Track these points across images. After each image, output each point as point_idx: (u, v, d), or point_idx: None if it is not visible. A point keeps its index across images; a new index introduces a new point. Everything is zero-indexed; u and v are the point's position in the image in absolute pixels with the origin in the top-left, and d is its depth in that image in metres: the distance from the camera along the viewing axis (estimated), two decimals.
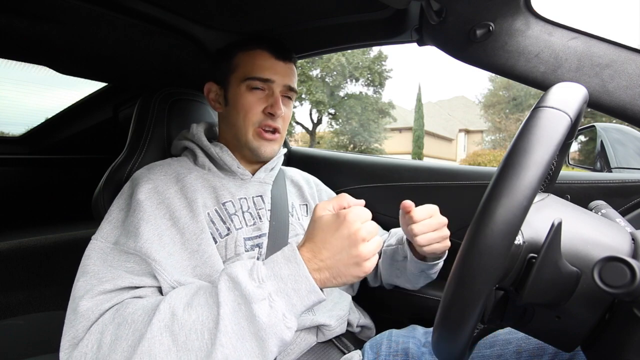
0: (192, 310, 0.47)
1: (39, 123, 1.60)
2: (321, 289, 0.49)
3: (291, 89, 0.79)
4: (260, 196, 0.79)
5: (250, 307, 0.45)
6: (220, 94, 0.80)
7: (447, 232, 0.70)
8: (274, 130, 0.76)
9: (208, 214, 0.68)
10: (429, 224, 0.67)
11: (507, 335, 0.65)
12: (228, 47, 0.81)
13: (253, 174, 0.80)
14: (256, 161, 0.80)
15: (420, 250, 0.70)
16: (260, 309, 0.45)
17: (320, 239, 0.50)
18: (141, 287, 0.56)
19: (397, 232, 0.85)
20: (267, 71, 0.75)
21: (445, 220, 0.70)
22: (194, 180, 0.71)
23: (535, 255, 0.39)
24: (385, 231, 0.98)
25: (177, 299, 0.49)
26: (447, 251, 0.74)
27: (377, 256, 0.52)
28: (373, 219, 0.57)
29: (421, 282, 0.83)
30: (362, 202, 0.55)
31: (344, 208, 0.53)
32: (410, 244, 0.76)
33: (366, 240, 0.50)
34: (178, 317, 0.47)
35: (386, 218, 1.04)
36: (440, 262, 0.78)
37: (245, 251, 0.70)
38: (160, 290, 0.57)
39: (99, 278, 0.55)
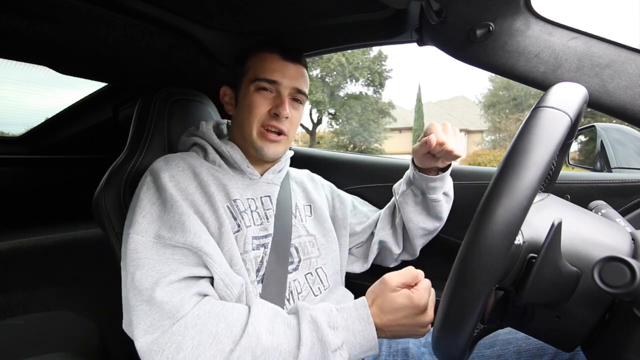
0: (274, 338, 0.53)
1: (39, 123, 1.60)
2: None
3: (300, 91, 0.78)
4: (269, 196, 0.79)
5: (326, 353, 0.53)
6: (233, 97, 0.81)
7: (457, 128, 0.77)
8: (279, 132, 0.76)
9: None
10: (452, 137, 0.73)
11: (507, 335, 0.65)
12: (242, 51, 0.82)
13: (261, 175, 0.80)
14: (262, 161, 0.80)
15: (448, 158, 0.77)
16: (334, 357, 0.53)
17: (390, 311, 0.59)
18: (201, 277, 0.59)
19: (400, 183, 0.89)
20: (275, 73, 0.75)
21: (444, 122, 0.76)
22: (207, 175, 0.71)
23: (535, 255, 0.39)
24: None
25: (261, 323, 0.55)
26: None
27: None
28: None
29: (446, 208, 0.87)
30: (422, 274, 0.62)
31: (410, 285, 0.61)
32: (419, 170, 0.82)
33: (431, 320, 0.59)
34: (262, 342, 0.52)
35: None
36: (450, 169, 0.83)
37: (252, 249, 0.70)
38: (211, 280, 0.61)
39: (157, 270, 0.57)
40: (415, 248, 0.90)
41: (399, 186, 0.89)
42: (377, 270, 0.91)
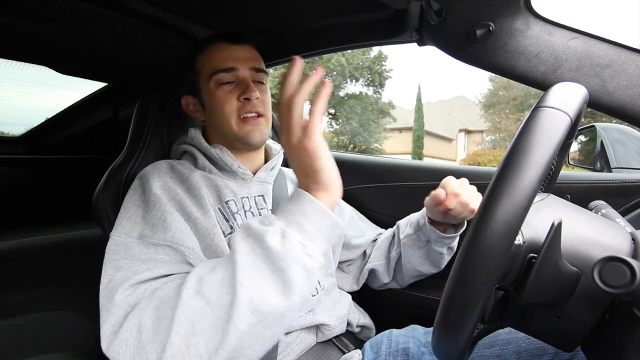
0: (218, 271, 0.48)
1: (39, 123, 1.60)
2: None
3: (258, 70, 0.77)
4: (262, 196, 0.79)
5: (263, 242, 0.47)
6: (197, 102, 0.79)
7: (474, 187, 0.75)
8: (257, 115, 0.75)
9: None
10: (468, 190, 0.72)
11: (507, 335, 0.65)
12: (187, 57, 0.80)
13: (254, 174, 0.80)
14: (252, 158, 0.80)
15: (463, 212, 0.74)
16: (272, 239, 0.47)
17: (300, 170, 0.53)
18: (177, 273, 0.56)
19: (410, 221, 0.87)
20: (228, 60, 0.74)
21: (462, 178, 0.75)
22: (198, 178, 0.71)
23: (535, 255, 0.39)
24: (382, 229, 0.98)
25: (202, 268, 0.51)
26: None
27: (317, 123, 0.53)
28: (372, 218, 0.58)
29: (446, 259, 0.85)
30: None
31: None
32: (432, 223, 0.79)
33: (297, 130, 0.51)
34: (206, 280, 0.48)
35: (386, 218, 1.04)
36: (463, 228, 0.81)
37: None
38: None
39: (134, 270, 0.55)
40: (404, 282, 0.91)
41: (405, 227, 0.87)
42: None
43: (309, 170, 0.51)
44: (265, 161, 0.83)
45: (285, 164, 0.92)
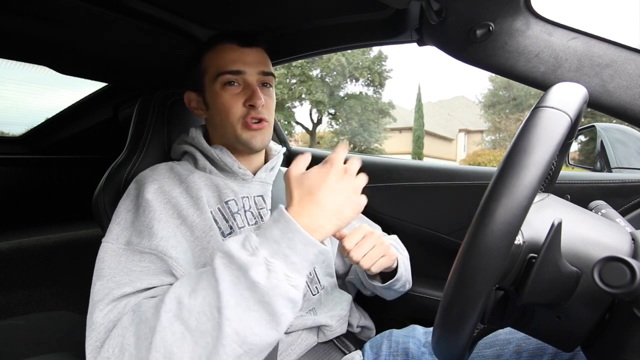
0: (198, 295, 0.46)
1: (39, 123, 1.60)
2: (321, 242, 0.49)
3: (266, 73, 0.76)
4: (262, 196, 0.79)
5: (247, 275, 0.45)
6: (200, 100, 0.79)
7: (388, 245, 0.67)
8: (260, 120, 0.74)
9: (211, 212, 0.69)
10: (364, 246, 0.65)
11: (507, 335, 0.65)
12: (196, 52, 0.79)
13: (254, 174, 0.80)
14: (252, 159, 0.80)
15: (369, 271, 0.68)
16: (257, 274, 0.44)
17: (307, 190, 0.52)
18: (159, 286, 0.56)
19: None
20: (236, 63, 0.73)
21: (380, 234, 0.67)
22: (197, 179, 0.71)
23: (535, 255, 0.39)
24: (384, 233, 0.98)
25: (182, 288, 0.49)
26: (397, 264, 0.74)
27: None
28: (373, 218, 0.57)
29: (395, 295, 0.83)
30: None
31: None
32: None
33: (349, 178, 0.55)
34: (185, 304, 0.46)
35: (386, 218, 1.04)
36: (399, 279, 0.76)
37: None
38: None
39: (116, 281, 0.55)
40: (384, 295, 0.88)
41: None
42: None
43: (338, 191, 0.52)
44: (265, 161, 0.83)
45: (285, 164, 0.92)
